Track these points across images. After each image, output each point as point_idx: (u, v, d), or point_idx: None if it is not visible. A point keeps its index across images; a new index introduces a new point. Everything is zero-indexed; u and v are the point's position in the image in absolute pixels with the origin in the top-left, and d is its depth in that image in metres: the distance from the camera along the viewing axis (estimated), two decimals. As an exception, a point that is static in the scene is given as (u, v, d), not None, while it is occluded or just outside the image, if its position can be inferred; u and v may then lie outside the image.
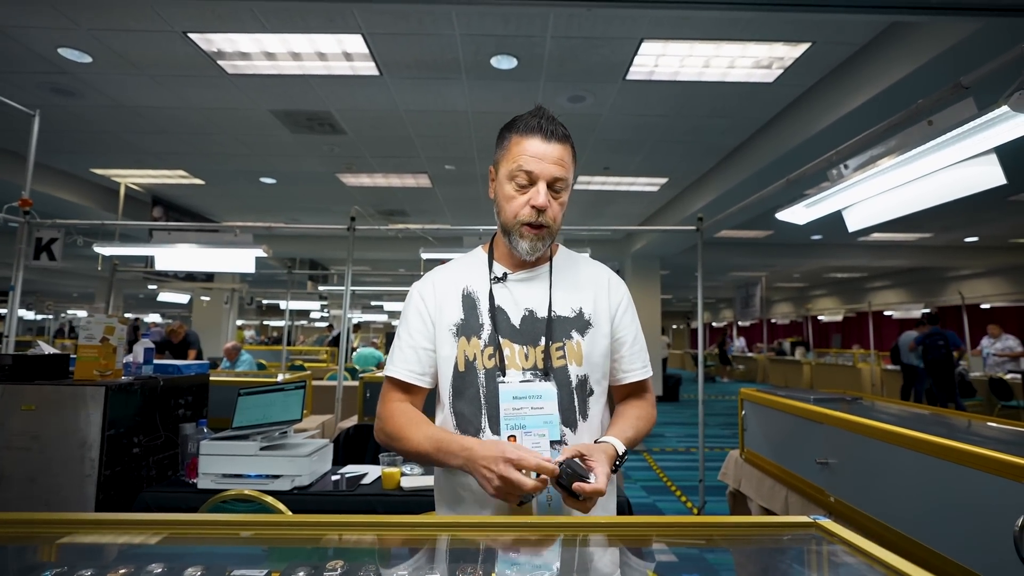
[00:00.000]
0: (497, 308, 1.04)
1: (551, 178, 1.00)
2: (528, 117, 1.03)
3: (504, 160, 1.04)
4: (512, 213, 1.02)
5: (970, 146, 1.68)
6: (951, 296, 12.79)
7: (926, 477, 1.49)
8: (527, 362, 1.01)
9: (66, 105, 4.59)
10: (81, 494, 1.91)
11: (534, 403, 0.96)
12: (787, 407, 2.36)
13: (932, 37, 3.01)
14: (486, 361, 1.01)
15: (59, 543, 0.81)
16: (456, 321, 1.05)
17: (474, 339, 1.03)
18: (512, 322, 1.04)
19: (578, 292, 1.08)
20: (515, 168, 1.00)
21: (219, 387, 3.30)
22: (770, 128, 4.87)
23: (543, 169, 0.99)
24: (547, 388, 0.98)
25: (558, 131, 1.01)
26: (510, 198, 1.02)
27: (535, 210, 1.00)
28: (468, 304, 1.06)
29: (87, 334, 2.08)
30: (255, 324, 21.10)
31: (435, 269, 1.16)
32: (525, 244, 1.02)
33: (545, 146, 1.00)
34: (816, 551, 0.76)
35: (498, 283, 1.07)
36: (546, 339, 1.02)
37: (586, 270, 1.13)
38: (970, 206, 7.12)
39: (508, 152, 1.03)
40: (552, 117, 1.03)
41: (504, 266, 1.09)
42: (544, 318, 1.03)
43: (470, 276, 1.09)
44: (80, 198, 6.82)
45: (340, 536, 0.85)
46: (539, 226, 1.01)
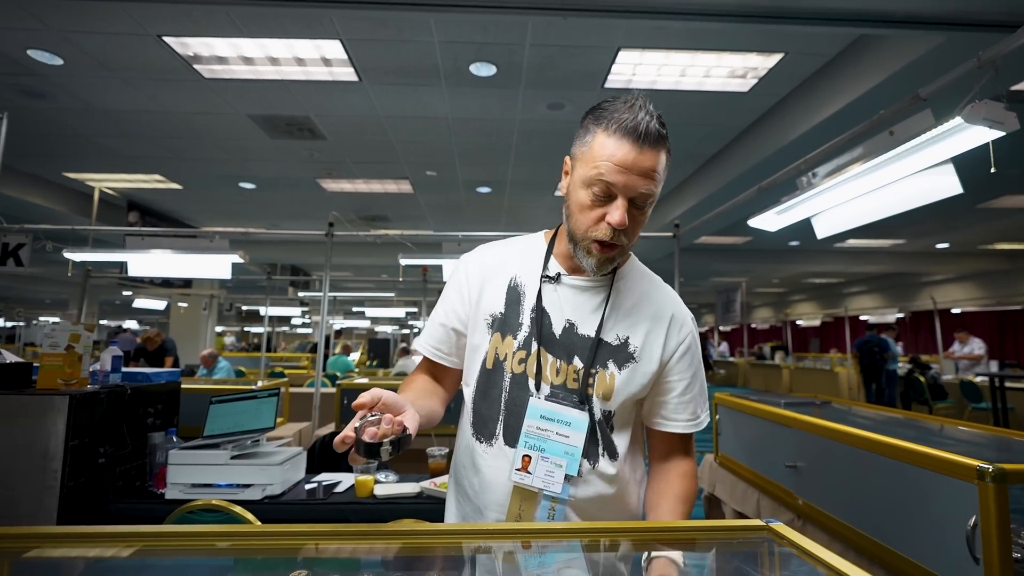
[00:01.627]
0: (542, 311, 0.94)
1: (637, 194, 0.84)
2: (621, 109, 0.85)
3: (583, 159, 0.87)
4: (583, 226, 0.88)
5: (929, 156, 1.73)
6: (924, 301, 13.11)
7: (886, 479, 1.52)
8: (557, 378, 0.92)
9: (36, 107, 4.50)
10: (42, 507, 1.86)
11: (561, 428, 0.89)
12: (759, 411, 2.39)
13: (897, 50, 3.10)
14: (515, 365, 0.93)
15: (19, 559, 0.79)
16: (495, 312, 0.96)
17: (509, 338, 0.94)
18: (553, 330, 0.93)
19: (632, 319, 0.95)
20: (594, 175, 0.84)
21: (193, 395, 3.24)
22: (746, 136, 4.96)
23: (629, 183, 0.83)
24: (579, 417, 0.89)
25: (654, 132, 0.83)
26: (583, 207, 0.87)
27: (611, 228, 0.85)
28: (512, 297, 0.96)
29: (51, 342, 2.03)
30: (235, 330, 20.77)
31: (489, 245, 1.05)
32: (592, 261, 0.89)
33: (637, 154, 0.83)
34: (767, 554, 0.78)
35: (549, 282, 0.96)
36: (586, 362, 0.92)
37: (651, 296, 0.98)
38: (941, 213, 7.32)
39: (590, 151, 0.86)
40: (651, 112, 0.85)
41: (561, 265, 0.97)
42: (586, 336, 0.93)
43: (522, 265, 0.98)
44: (52, 203, 6.67)
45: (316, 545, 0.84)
46: (613, 244, 0.88)
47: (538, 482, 0.87)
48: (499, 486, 0.90)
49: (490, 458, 0.92)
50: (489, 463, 0.92)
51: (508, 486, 0.90)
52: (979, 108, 1.42)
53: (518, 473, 0.88)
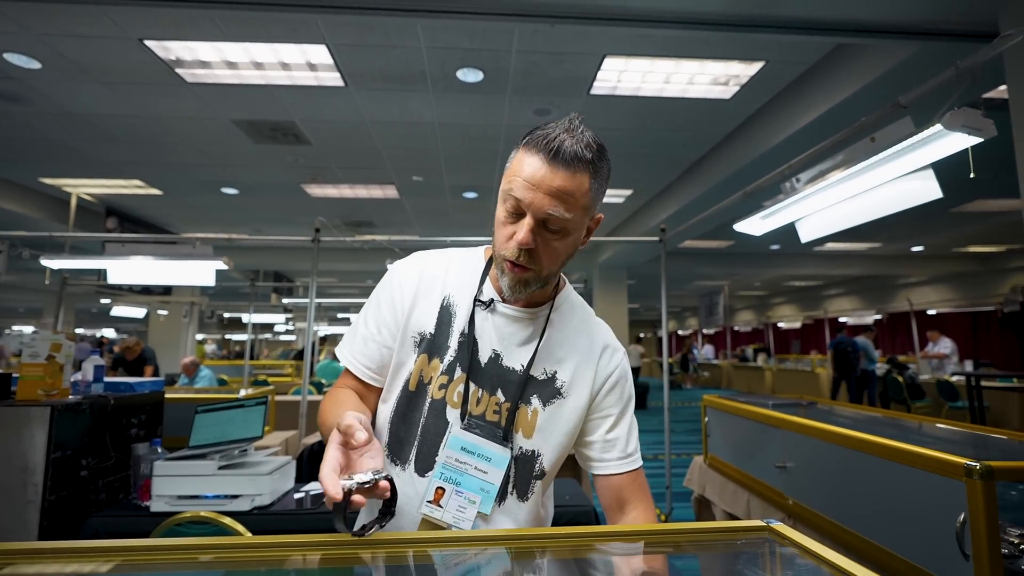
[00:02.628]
0: (473, 338, 0.89)
1: (543, 214, 0.79)
2: (549, 129, 0.81)
3: (505, 175, 0.84)
4: (498, 243, 0.85)
5: (909, 162, 1.78)
6: (900, 303, 13.42)
7: (874, 477, 1.55)
8: (477, 407, 0.87)
9: (12, 112, 4.39)
10: (22, 521, 1.81)
11: (480, 463, 0.85)
12: (747, 412, 2.42)
13: (875, 59, 3.19)
14: (436, 390, 0.88)
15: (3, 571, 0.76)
16: (424, 331, 0.91)
17: (435, 360, 0.89)
18: (479, 357, 0.89)
19: (561, 353, 0.91)
20: (507, 189, 0.82)
21: (177, 405, 3.18)
22: (728, 142, 5.05)
23: (536, 201, 0.79)
24: (501, 454, 0.85)
25: (569, 152, 0.78)
26: (499, 223, 0.85)
27: (516, 246, 0.81)
28: (443, 318, 0.91)
29: (31, 351, 1.98)
30: (216, 338, 20.43)
31: (425, 255, 0.98)
32: (506, 281, 0.85)
33: (547, 172, 0.78)
34: (769, 555, 0.79)
35: (481, 307, 0.91)
36: (512, 398, 0.88)
37: (583, 329, 0.95)
38: (914, 217, 7.51)
39: (509, 169, 0.84)
40: (576, 132, 0.80)
41: (496, 290, 0.92)
42: (510, 369, 0.89)
43: (457, 284, 0.93)
44: (28, 209, 6.51)
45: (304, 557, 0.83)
46: (521, 266, 0.83)
47: (448, 517, 0.83)
48: (403, 515, 0.85)
49: (401, 483, 0.86)
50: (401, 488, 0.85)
51: (415, 516, 0.85)
52: (958, 115, 1.47)
53: (429, 505, 0.84)
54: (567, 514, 1.89)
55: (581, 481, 3.38)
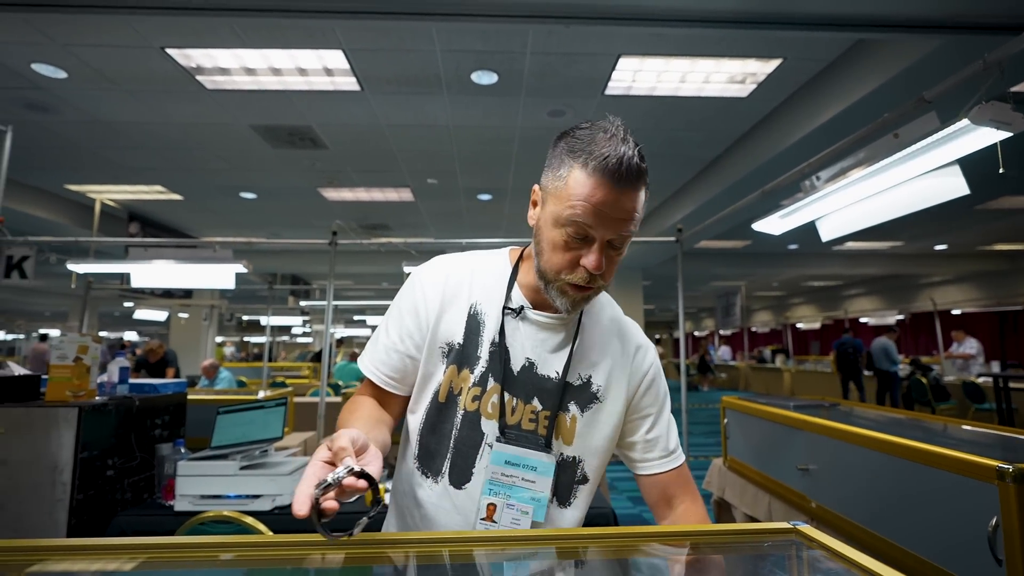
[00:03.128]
0: (504, 347, 0.87)
1: (616, 236, 0.78)
2: (601, 142, 0.76)
3: (556, 195, 0.79)
4: (555, 267, 0.81)
5: (934, 158, 1.74)
6: (924, 303, 13.14)
7: (903, 481, 1.52)
8: (513, 417, 0.86)
9: (40, 121, 4.51)
10: (52, 520, 1.85)
11: (527, 474, 0.84)
12: (768, 414, 2.39)
13: (896, 54, 3.13)
14: (469, 401, 0.86)
15: (29, 571, 0.78)
16: (452, 341, 0.88)
17: (465, 371, 0.87)
18: (511, 366, 0.87)
19: (594, 357, 0.89)
20: (569, 215, 0.76)
21: (198, 406, 3.23)
22: (745, 141, 4.99)
23: (608, 227, 0.76)
24: (546, 463, 0.84)
25: (634, 169, 0.74)
26: (556, 247, 0.80)
27: (587, 272, 0.79)
28: (472, 327, 0.88)
29: (59, 354, 2.03)
30: (235, 341, 20.74)
31: (447, 260, 0.95)
32: (566, 302, 0.83)
33: (618, 196, 0.75)
34: (796, 557, 0.77)
35: (511, 315, 0.88)
36: (551, 407, 0.86)
37: (614, 330, 0.93)
38: (938, 215, 7.35)
39: (565, 188, 0.77)
40: (629, 141, 0.76)
41: (524, 297, 0.89)
42: (545, 377, 0.87)
43: (484, 291, 0.90)
44: (54, 215, 6.68)
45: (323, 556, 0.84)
46: (589, 287, 0.81)
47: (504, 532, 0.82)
48: (442, 527, 0.86)
49: (434, 496, 0.87)
50: (433, 501, 0.87)
51: (453, 519, 0.85)
52: (986, 110, 1.43)
53: (483, 522, 0.83)
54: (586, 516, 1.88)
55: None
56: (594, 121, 0.81)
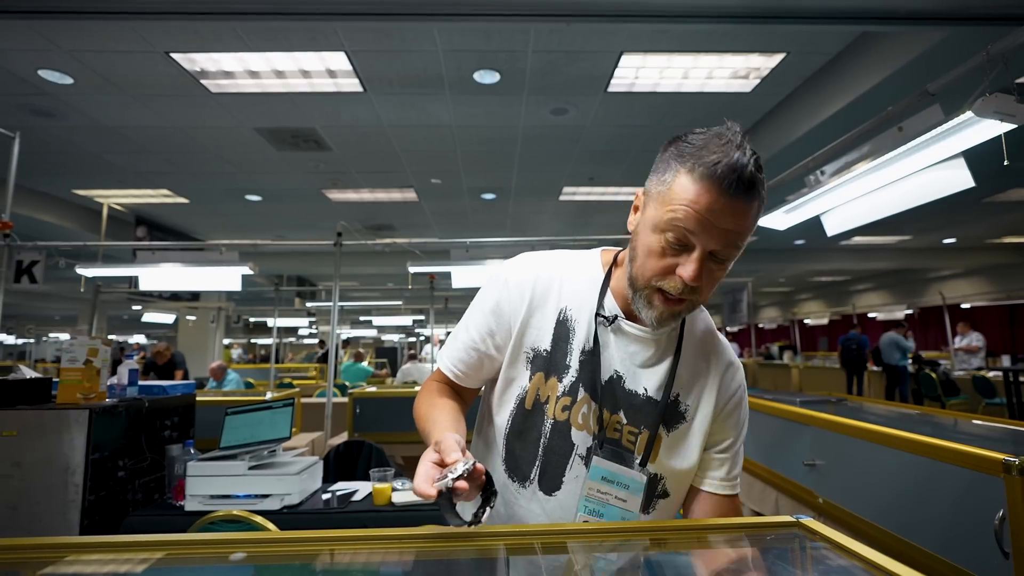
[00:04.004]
0: (597, 360, 0.83)
1: (720, 247, 0.72)
2: (713, 147, 0.71)
3: (659, 199, 0.75)
4: (648, 273, 0.76)
5: (939, 151, 1.73)
6: (932, 297, 13.03)
7: (909, 475, 1.51)
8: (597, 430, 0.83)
9: (47, 127, 4.56)
10: (65, 520, 1.87)
11: (619, 492, 0.82)
12: (775, 410, 2.38)
13: (900, 46, 3.11)
14: (559, 411, 0.84)
15: (45, 570, 0.80)
16: (540, 348, 0.85)
17: (553, 379, 0.84)
18: (600, 376, 0.83)
19: (685, 374, 0.86)
20: (670, 219, 0.72)
21: (206, 407, 3.26)
22: (749, 136, 4.96)
23: (711, 235, 0.71)
24: (637, 480, 0.81)
25: (748, 180, 0.70)
26: (652, 253, 0.75)
27: (682, 282, 0.74)
28: (560, 333, 0.85)
29: (70, 356, 2.05)
30: (242, 342, 20.86)
31: (535, 259, 0.91)
32: (652, 314, 0.78)
33: (725, 203, 0.70)
34: (799, 550, 0.78)
35: (604, 324, 0.84)
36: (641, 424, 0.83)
37: (705, 349, 0.88)
38: (946, 208, 7.29)
39: (668, 192, 0.73)
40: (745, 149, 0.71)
41: (619, 304, 0.85)
42: (632, 392, 0.84)
43: (574, 296, 0.86)
44: (62, 219, 6.75)
45: (332, 552, 0.85)
46: (680, 300, 0.76)
47: None
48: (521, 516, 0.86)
49: (523, 500, 0.87)
50: (523, 504, 0.87)
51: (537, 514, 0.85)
52: (990, 101, 1.42)
53: None
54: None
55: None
56: (711, 127, 0.76)
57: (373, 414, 4.07)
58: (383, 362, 10.72)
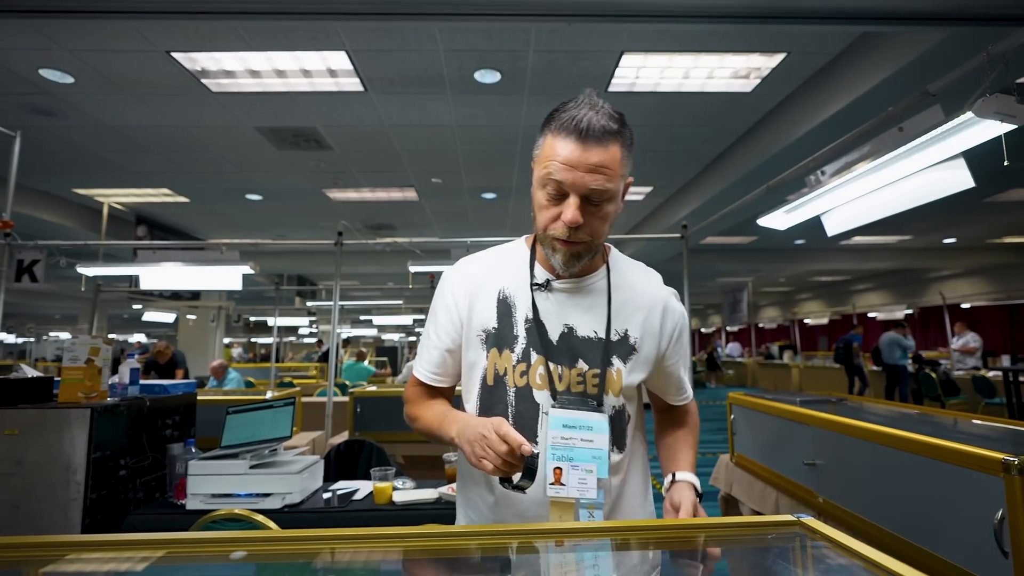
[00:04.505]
0: (539, 322, 0.93)
1: (586, 190, 0.84)
2: (566, 108, 0.85)
3: (537, 162, 0.89)
4: (542, 225, 0.89)
5: (939, 151, 1.73)
6: (933, 297, 13.03)
7: (909, 474, 1.52)
8: (560, 384, 0.91)
9: (47, 126, 4.56)
10: (66, 519, 1.88)
11: (584, 435, 0.88)
12: (774, 410, 2.39)
13: (901, 47, 3.11)
14: (517, 378, 0.92)
15: (50, 567, 0.80)
16: (488, 328, 0.95)
17: (506, 352, 0.93)
18: (550, 337, 0.93)
19: (627, 311, 0.96)
20: (545, 175, 0.86)
21: (207, 406, 3.26)
22: (750, 136, 4.97)
23: (576, 179, 0.83)
24: (599, 420, 0.89)
25: (598, 127, 0.82)
26: (541, 207, 0.89)
27: (565, 226, 0.86)
28: (504, 310, 0.95)
29: (72, 355, 2.06)
30: (242, 341, 20.86)
31: (471, 258, 1.04)
32: (558, 259, 0.90)
33: (580, 151, 0.82)
34: (800, 549, 0.78)
35: (540, 290, 0.95)
36: (601, 366, 0.92)
37: (642, 287, 0.99)
38: (946, 208, 7.29)
39: (542, 153, 0.88)
40: (596, 106, 0.84)
41: (547, 271, 0.96)
42: (586, 338, 0.93)
43: (508, 276, 0.97)
44: (62, 219, 6.75)
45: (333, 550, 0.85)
46: (572, 242, 0.88)
47: (574, 492, 0.85)
48: (519, 500, 0.90)
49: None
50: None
51: (533, 499, 0.89)
52: (990, 102, 1.43)
53: (553, 487, 0.86)
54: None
55: (605, 480, 3.36)
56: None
57: (374, 413, 4.07)
58: (383, 361, 10.72)
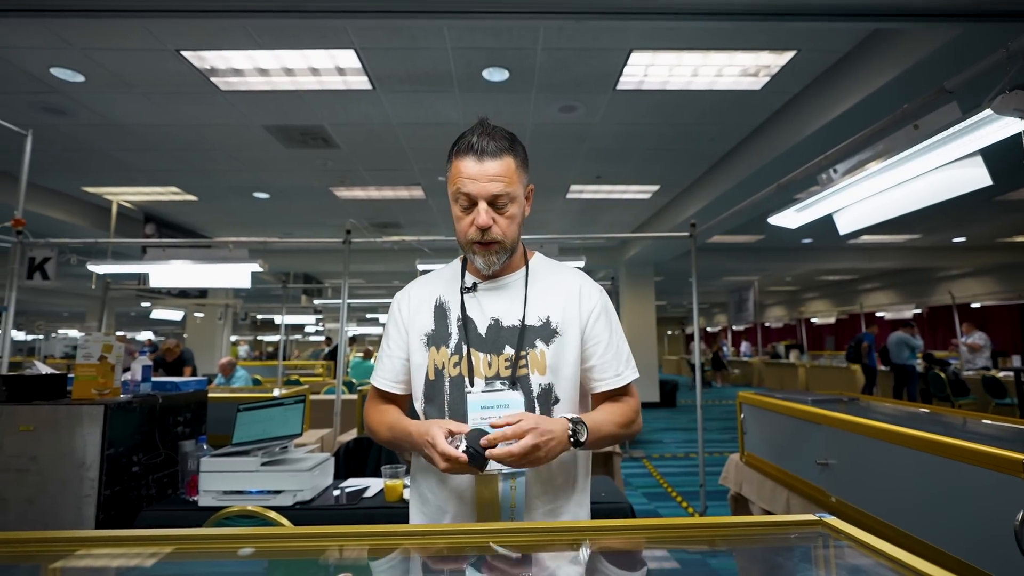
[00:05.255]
0: (467, 318, 1.07)
1: (490, 196, 1.00)
2: (464, 136, 1.03)
3: (449, 182, 1.05)
4: (461, 234, 1.04)
5: (956, 149, 1.72)
6: (942, 296, 12.94)
7: (926, 475, 1.51)
8: (490, 370, 1.03)
9: (58, 124, 4.59)
10: (80, 515, 1.89)
11: (502, 412, 0.96)
12: (786, 409, 2.37)
13: (914, 43, 3.08)
14: (452, 369, 1.04)
15: (62, 563, 0.80)
16: (427, 331, 1.09)
17: (443, 348, 1.06)
18: (479, 331, 1.06)
19: (547, 300, 1.08)
20: (455, 191, 1.02)
21: (216, 404, 3.27)
22: (758, 134, 4.94)
23: (480, 189, 0.99)
24: (514, 397, 0.99)
25: (491, 147, 1.00)
26: (457, 219, 1.04)
27: (479, 230, 1.01)
28: (439, 314, 1.10)
29: (85, 352, 2.07)
30: (249, 339, 20.94)
31: (417, 280, 1.20)
32: (480, 260, 1.04)
33: (479, 166, 0.99)
34: (823, 549, 0.77)
35: (468, 293, 1.10)
36: (516, 348, 1.03)
37: (558, 277, 1.13)
38: (956, 207, 7.23)
39: (450, 174, 1.04)
40: (488, 130, 1.02)
41: (475, 276, 1.11)
42: (510, 327, 1.05)
43: (444, 287, 1.13)
44: (72, 217, 6.79)
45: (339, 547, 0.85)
46: (488, 243, 1.02)
47: (495, 466, 0.91)
48: (455, 480, 1.01)
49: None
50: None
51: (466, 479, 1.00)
52: (1009, 99, 1.41)
53: None
54: (603, 510, 1.89)
55: (614, 477, 3.36)
56: None
57: (381, 411, 4.06)
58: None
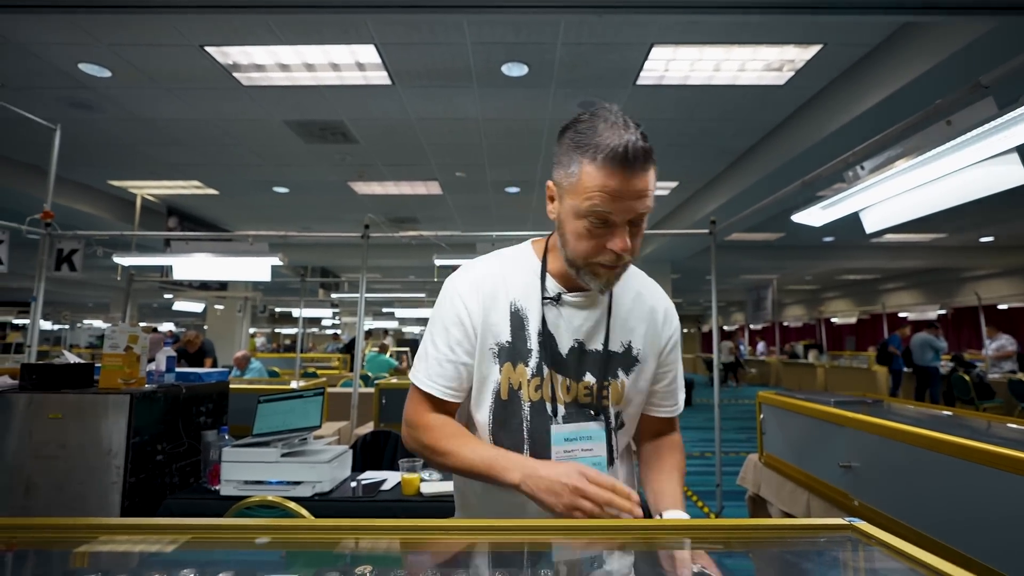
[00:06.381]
0: (547, 333, 0.93)
1: (635, 216, 0.83)
2: (603, 132, 0.81)
3: (571, 191, 0.85)
4: (584, 254, 0.87)
5: (991, 145, 1.66)
6: (967, 297, 12.62)
7: (955, 480, 1.47)
8: (567, 395, 0.93)
9: (85, 119, 4.68)
10: (106, 501, 1.94)
11: (584, 444, 0.91)
12: (807, 410, 2.34)
13: (946, 36, 3.00)
14: (532, 392, 0.93)
15: (88, 548, 0.82)
16: (502, 341, 0.94)
17: (520, 366, 0.93)
18: (560, 350, 0.94)
19: (630, 324, 0.98)
20: (588, 207, 0.82)
21: (235, 395, 3.32)
22: (781, 130, 4.86)
23: (625, 208, 0.82)
24: (597, 429, 0.92)
25: (641, 153, 0.80)
26: (581, 237, 0.86)
27: (615, 253, 0.85)
28: (516, 323, 0.94)
29: (112, 343, 2.11)
30: (266, 332, 21.25)
31: (476, 265, 1.00)
32: (600, 283, 0.89)
33: (628, 181, 0.80)
34: (852, 554, 0.76)
35: (550, 304, 0.94)
36: (599, 378, 0.94)
37: (643, 298, 1.01)
38: (985, 205, 7.04)
39: (578, 182, 0.83)
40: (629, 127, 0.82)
41: (558, 283, 0.96)
42: (593, 351, 0.95)
43: (519, 288, 0.96)
44: (98, 210, 6.94)
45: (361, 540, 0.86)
46: (619, 266, 0.88)
47: None
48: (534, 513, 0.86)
49: None
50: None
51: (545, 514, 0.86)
52: (1050, 94, 1.36)
53: None
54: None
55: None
56: (591, 111, 0.86)
57: (399, 405, 4.10)
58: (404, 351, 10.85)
